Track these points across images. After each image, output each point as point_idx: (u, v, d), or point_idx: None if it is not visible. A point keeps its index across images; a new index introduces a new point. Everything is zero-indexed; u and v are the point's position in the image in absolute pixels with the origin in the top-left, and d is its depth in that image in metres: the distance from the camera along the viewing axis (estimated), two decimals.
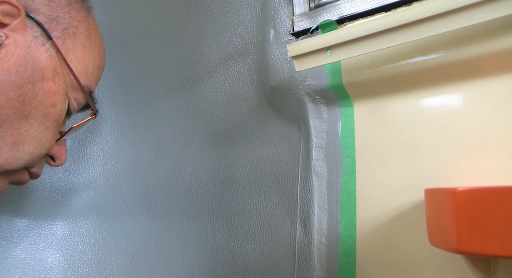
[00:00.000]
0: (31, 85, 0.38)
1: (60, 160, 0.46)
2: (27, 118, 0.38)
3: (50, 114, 0.40)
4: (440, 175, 0.42)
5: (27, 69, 0.37)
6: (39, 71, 0.38)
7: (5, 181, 0.42)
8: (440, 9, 0.37)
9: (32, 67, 0.38)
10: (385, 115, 0.47)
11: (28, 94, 0.38)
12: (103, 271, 0.71)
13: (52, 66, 0.40)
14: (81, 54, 0.43)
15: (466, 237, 0.32)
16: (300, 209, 0.53)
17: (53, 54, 0.40)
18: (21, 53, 0.37)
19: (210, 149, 0.66)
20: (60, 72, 0.40)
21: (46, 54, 0.39)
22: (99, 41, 0.47)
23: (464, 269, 0.40)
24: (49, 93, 0.39)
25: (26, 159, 0.40)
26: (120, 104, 0.78)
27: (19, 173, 0.43)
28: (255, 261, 0.58)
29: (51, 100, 0.40)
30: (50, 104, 0.40)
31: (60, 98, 0.41)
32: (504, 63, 0.40)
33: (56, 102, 0.40)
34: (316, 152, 0.53)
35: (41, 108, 0.39)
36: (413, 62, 0.44)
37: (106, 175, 0.76)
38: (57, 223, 0.73)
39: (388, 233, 0.45)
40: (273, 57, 0.55)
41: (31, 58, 0.38)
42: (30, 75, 0.38)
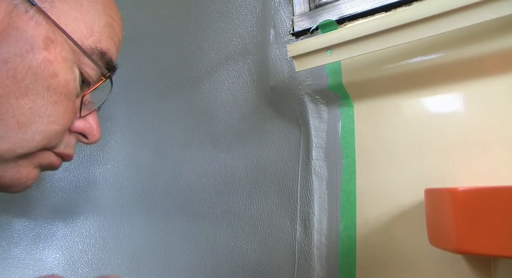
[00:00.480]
0: (20, 58, 0.34)
1: (93, 135, 0.42)
2: (27, 95, 0.35)
3: (53, 86, 0.36)
4: (440, 175, 0.42)
5: (10, 42, 0.34)
6: (26, 42, 0.35)
7: (31, 167, 0.39)
8: (440, 9, 0.37)
9: (16, 38, 0.34)
10: (385, 115, 0.47)
11: (18, 69, 0.34)
12: (103, 271, 0.71)
13: (42, 33, 0.36)
14: (79, 15, 0.38)
15: (466, 237, 0.32)
16: (300, 209, 0.53)
17: (40, 20, 0.36)
18: (2, 26, 0.34)
19: (210, 148, 0.66)
20: (54, 39, 0.36)
21: (32, 22, 0.35)
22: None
23: (464, 269, 0.40)
24: (45, 64, 0.36)
25: (39, 139, 0.37)
26: (120, 104, 0.78)
27: (42, 156, 0.39)
28: (255, 261, 0.58)
29: (49, 71, 0.36)
30: (50, 75, 0.36)
31: (61, 67, 0.37)
32: (504, 63, 0.40)
33: (56, 72, 0.36)
34: (316, 152, 0.53)
35: (40, 81, 0.35)
36: (413, 62, 0.44)
37: (106, 175, 0.76)
38: (57, 223, 0.73)
39: (388, 233, 0.45)
40: (273, 57, 0.55)
41: (13, 29, 0.34)
42: (15, 47, 0.34)
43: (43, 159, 0.40)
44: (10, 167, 0.37)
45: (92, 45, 0.39)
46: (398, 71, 0.45)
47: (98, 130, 0.43)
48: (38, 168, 0.41)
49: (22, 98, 0.35)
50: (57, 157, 0.41)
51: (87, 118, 0.42)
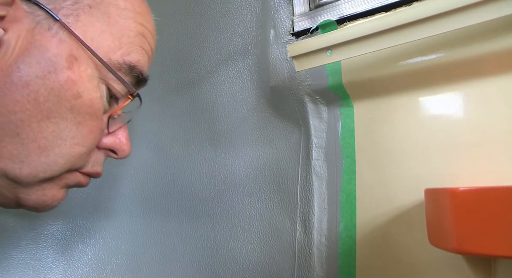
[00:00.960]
0: (42, 80, 0.32)
1: (122, 151, 0.41)
2: (49, 118, 0.33)
3: (76, 107, 0.34)
4: (440, 175, 0.42)
5: (31, 63, 0.32)
6: (49, 62, 0.33)
7: (56, 188, 0.38)
8: (440, 9, 0.37)
9: (38, 59, 0.32)
10: (385, 115, 0.47)
11: (40, 92, 0.32)
12: (103, 271, 0.71)
13: (66, 51, 0.33)
14: (106, 27, 0.36)
15: (466, 237, 0.32)
16: (300, 209, 0.53)
17: (64, 37, 0.33)
18: (23, 46, 0.32)
19: (210, 149, 0.66)
20: (78, 56, 0.34)
21: (55, 39, 0.33)
22: (133, 3, 0.39)
23: (464, 269, 0.40)
24: (68, 84, 0.33)
25: (62, 163, 0.35)
26: None
27: (69, 177, 0.38)
28: (255, 261, 0.58)
29: (72, 92, 0.34)
30: (73, 96, 0.34)
31: (85, 87, 0.34)
32: (504, 63, 0.40)
33: (80, 92, 0.34)
34: (316, 152, 0.53)
35: (63, 103, 0.33)
36: (413, 62, 0.44)
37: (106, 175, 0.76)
38: (57, 223, 0.73)
39: (388, 233, 0.45)
40: (273, 57, 0.55)
41: (35, 48, 0.32)
42: (36, 69, 0.32)
43: (70, 180, 0.38)
44: (34, 190, 0.36)
45: (119, 59, 0.37)
46: (398, 71, 0.45)
47: (128, 145, 0.42)
48: (65, 188, 0.39)
49: (44, 121, 0.33)
50: (84, 176, 0.40)
51: (116, 133, 0.40)
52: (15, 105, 0.32)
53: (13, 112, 0.32)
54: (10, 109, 0.32)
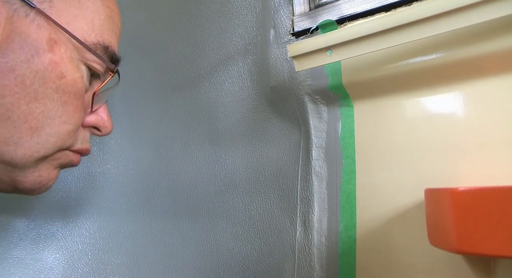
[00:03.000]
0: (26, 64, 0.34)
1: (105, 128, 0.43)
2: (37, 99, 0.35)
3: (61, 87, 0.36)
4: (440, 175, 0.42)
5: (15, 48, 0.34)
6: (31, 46, 0.34)
7: (51, 168, 0.40)
8: (440, 9, 0.37)
9: (21, 44, 0.34)
10: (385, 115, 0.47)
11: (25, 75, 0.34)
12: (103, 271, 0.71)
13: (45, 36, 0.35)
14: (79, 11, 0.38)
15: (466, 237, 0.32)
16: (300, 209, 0.53)
17: (41, 22, 0.35)
18: (5, 33, 0.33)
19: (210, 149, 0.66)
20: (57, 39, 0.36)
21: (34, 25, 0.35)
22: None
23: (464, 269, 0.40)
24: (52, 66, 0.35)
25: (53, 141, 0.37)
26: (120, 104, 0.78)
27: (61, 156, 0.40)
28: (255, 261, 0.58)
29: (56, 73, 0.36)
30: (57, 77, 0.36)
31: (67, 67, 0.37)
32: (504, 63, 0.40)
33: (63, 73, 0.36)
34: (316, 152, 0.53)
35: (48, 84, 0.35)
36: (413, 62, 0.44)
37: (106, 175, 0.76)
38: (57, 223, 0.73)
39: (388, 233, 0.45)
40: (273, 57, 0.55)
41: (16, 35, 0.34)
42: (20, 54, 0.34)
43: (62, 159, 0.40)
44: (30, 172, 0.38)
45: (94, 40, 0.39)
46: (398, 71, 0.45)
47: (110, 122, 0.44)
48: (58, 168, 0.41)
49: (33, 103, 0.35)
50: (75, 154, 0.42)
51: (97, 111, 0.43)
52: (4, 89, 0.33)
53: (2, 97, 0.33)
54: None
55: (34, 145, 0.36)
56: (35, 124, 0.35)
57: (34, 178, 0.38)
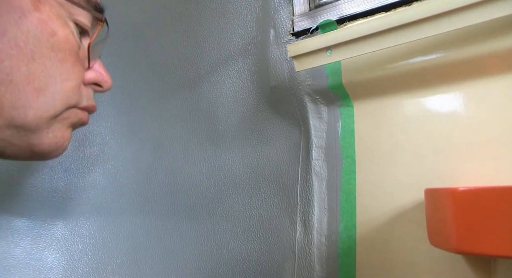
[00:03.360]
0: (16, 26, 0.35)
1: (105, 82, 0.43)
2: (35, 60, 0.36)
3: (55, 44, 0.37)
4: (440, 175, 0.42)
5: (1, 13, 0.34)
6: (17, 8, 0.35)
7: (64, 128, 0.40)
8: (440, 9, 0.37)
9: (6, 8, 0.35)
10: (385, 115, 0.47)
11: (18, 36, 0.35)
12: (103, 271, 0.71)
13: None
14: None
15: (466, 237, 0.32)
16: (300, 209, 0.53)
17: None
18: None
19: (210, 149, 0.66)
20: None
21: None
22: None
23: (464, 269, 0.40)
24: (41, 24, 0.36)
25: (60, 98, 0.38)
26: (120, 104, 0.78)
27: (70, 115, 0.40)
28: (255, 261, 0.58)
29: (47, 31, 0.36)
30: (49, 35, 0.36)
31: (56, 24, 0.37)
32: (504, 63, 0.40)
33: (54, 30, 0.37)
34: (316, 152, 0.53)
35: (42, 43, 0.36)
36: (413, 62, 0.44)
37: (106, 175, 0.76)
38: (57, 223, 0.73)
39: (388, 233, 0.45)
40: (273, 57, 0.55)
41: None
42: (7, 17, 0.34)
43: (72, 118, 0.41)
44: (45, 134, 0.38)
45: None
46: (398, 71, 0.45)
47: (109, 76, 0.44)
48: (70, 127, 0.42)
49: (32, 63, 0.35)
50: (83, 112, 0.42)
51: (94, 68, 0.43)
52: (0, 54, 0.34)
53: (0, 61, 0.34)
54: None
55: (42, 105, 0.37)
56: (39, 85, 0.36)
57: (50, 139, 0.39)
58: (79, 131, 0.77)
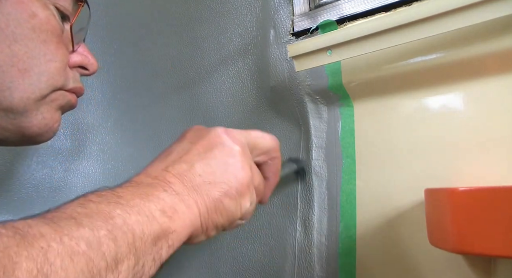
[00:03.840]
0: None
1: (91, 65, 0.43)
2: (17, 41, 0.35)
3: (37, 26, 0.37)
4: (440, 175, 0.42)
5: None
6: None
7: (52, 110, 0.40)
8: (440, 9, 0.37)
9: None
10: (385, 115, 0.47)
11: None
12: None
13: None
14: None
15: (465, 237, 0.32)
16: (300, 209, 0.53)
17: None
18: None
19: None
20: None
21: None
22: None
23: (464, 269, 0.40)
24: (20, 6, 0.36)
25: (45, 79, 0.37)
26: (120, 104, 0.78)
27: (58, 97, 0.40)
28: (255, 261, 0.58)
29: (27, 12, 0.36)
30: (29, 16, 0.36)
31: (36, 6, 0.37)
32: (504, 63, 0.40)
33: (34, 11, 0.36)
34: (316, 152, 0.53)
35: (23, 24, 0.36)
36: (413, 62, 0.44)
37: (106, 175, 0.76)
38: None
39: (388, 233, 0.45)
40: (273, 57, 0.55)
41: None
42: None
43: (60, 100, 0.41)
44: (33, 115, 0.38)
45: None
46: (398, 71, 0.45)
47: (94, 59, 0.44)
48: (59, 110, 0.42)
49: (14, 45, 0.35)
50: (71, 94, 0.42)
51: (79, 51, 0.43)
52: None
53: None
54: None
55: (28, 86, 0.36)
56: (23, 66, 0.36)
57: (39, 121, 0.39)
58: (79, 131, 0.77)
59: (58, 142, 0.75)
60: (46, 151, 0.74)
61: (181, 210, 0.29)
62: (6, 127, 0.38)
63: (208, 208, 0.31)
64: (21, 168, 0.72)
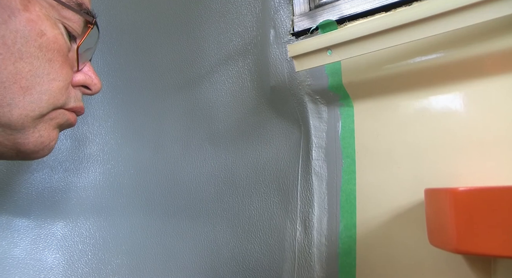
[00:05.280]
0: (4, 25, 0.35)
1: (94, 85, 0.44)
2: (22, 59, 0.36)
3: (44, 45, 0.37)
4: (440, 175, 0.42)
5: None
6: (5, 8, 0.35)
7: (50, 129, 0.40)
8: (440, 9, 0.37)
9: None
10: (385, 115, 0.47)
11: (6, 35, 0.35)
12: (103, 271, 0.71)
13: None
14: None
15: (466, 237, 0.32)
16: (300, 209, 0.53)
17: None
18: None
19: (210, 149, 0.66)
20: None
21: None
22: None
23: (464, 269, 0.40)
24: (30, 24, 0.36)
25: (46, 98, 0.38)
26: (120, 104, 0.78)
27: (57, 116, 0.40)
28: (255, 261, 0.58)
29: (36, 31, 0.36)
30: (38, 35, 0.36)
31: (45, 25, 0.37)
32: (504, 63, 0.40)
33: (42, 30, 0.37)
34: (316, 152, 0.53)
35: (31, 42, 0.36)
36: (413, 62, 0.44)
37: (106, 175, 0.76)
38: (57, 223, 0.73)
39: (388, 233, 0.45)
40: (273, 57, 0.55)
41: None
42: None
43: (59, 118, 0.41)
44: (30, 133, 0.38)
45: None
46: (398, 71, 0.45)
47: (98, 79, 0.44)
48: (57, 128, 0.42)
49: (19, 62, 0.36)
50: (71, 113, 0.43)
51: (84, 70, 0.43)
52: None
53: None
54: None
55: (28, 104, 0.37)
56: (25, 84, 0.36)
57: (36, 138, 0.39)
58: (79, 131, 0.77)
59: (58, 141, 0.75)
60: None
61: None
62: (2, 143, 0.38)
63: None
64: (21, 168, 0.72)
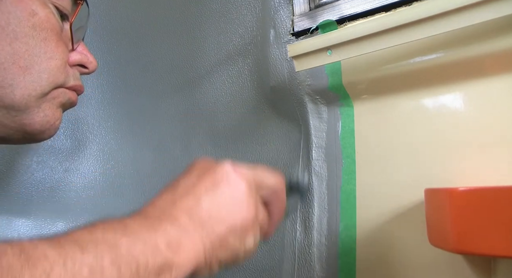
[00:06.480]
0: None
1: (90, 63, 0.44)
2: (17, 39, 0.36)
3: (37, 24, 0.37)
4: (440, 175, 0.42)
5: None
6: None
7: (54, 108, 0.40)
8: (440, 9, 0.37)
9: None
10: (385, 115, 0.47)
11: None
12: None
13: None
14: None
15: (465, 236, 0.32)
16: (300, 209, 0.53)
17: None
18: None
19: (210, 148, 0.66)
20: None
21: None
22: None
23: (464, 269, 0.40)
24: (21, 5, 0.37)
25: (46, 77, 0.38)
26: (120, 104, 0.77)
27: (59, 95, 0.41)
28: (255, 261, 0.58)
29: (27, 11, 0.37)
30: (30, 14, 0.37)
31: (36, 5, 0.38)
32: (504, 63, 0.40)
33: (34, 10, 0.37)
34: (316, 152, 0.53)
35: (24, 22, 0.37)
36: (413, 62, 0.44)
37: (106, 175, 0.76)
38: (57, 223, 0.73)
39: (388, 233, 0.45)
40: (273, 57, 0.55)
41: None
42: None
43: (61, 97, 0.41)
44: (35, 113, 0.39)
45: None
46: (398, 71, 0.45)
47: (93, 57, 0.44)
48: (60, 107, 0.42)
49: (15, 43, 0.36)
50: (72, 92, 0.43)
51: (78, 49, 0.43)
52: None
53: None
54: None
55: (29, 84, 0.37)
56: (24, 64, 0.37)
57: (41, 118, 0.39)
58: (79, 131, 0.77)
59: (58, 141, 0.75)
60: (46, 150, 0.74)
61: (186, 244, 0.29)
62: (8, 125, 0.38)
63: (213, 244, 0.31)
64: (21, 168, 0.72)
